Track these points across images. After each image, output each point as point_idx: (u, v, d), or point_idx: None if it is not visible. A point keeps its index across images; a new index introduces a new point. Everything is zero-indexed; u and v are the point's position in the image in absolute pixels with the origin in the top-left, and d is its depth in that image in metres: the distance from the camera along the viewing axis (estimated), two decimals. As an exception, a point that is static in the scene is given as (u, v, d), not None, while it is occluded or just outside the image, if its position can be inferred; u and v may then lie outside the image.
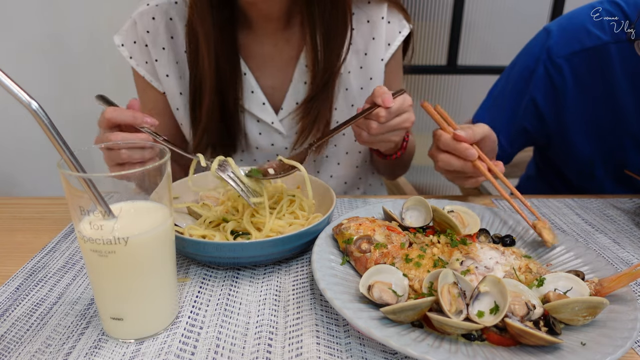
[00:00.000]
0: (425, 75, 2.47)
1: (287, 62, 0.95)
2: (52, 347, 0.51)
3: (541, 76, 0.98)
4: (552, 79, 0.96)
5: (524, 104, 1.00)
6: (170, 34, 0.92)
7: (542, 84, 0.98)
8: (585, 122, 0.95)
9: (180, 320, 0.55)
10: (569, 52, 0.94)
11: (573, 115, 0.96)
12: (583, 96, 0.94)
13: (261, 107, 0.95)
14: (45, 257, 0.68)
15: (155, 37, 0.92)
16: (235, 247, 0.60)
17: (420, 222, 0.70)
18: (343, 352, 0.50)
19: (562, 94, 0.95)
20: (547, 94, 0.98)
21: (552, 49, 0.96)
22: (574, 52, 0.93)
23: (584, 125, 0.96)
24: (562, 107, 0.96)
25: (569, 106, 0.95)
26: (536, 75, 0.98)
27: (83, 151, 0.49)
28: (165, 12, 0.91)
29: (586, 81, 0.93)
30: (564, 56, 0.94)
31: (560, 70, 0.95)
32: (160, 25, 0.91)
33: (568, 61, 0.94)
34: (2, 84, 0.42)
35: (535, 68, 0.99)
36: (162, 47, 0.92)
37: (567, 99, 0.94)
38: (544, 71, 0.97)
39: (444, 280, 0.51)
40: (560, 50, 0.95)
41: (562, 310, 0.49)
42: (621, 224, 0.80)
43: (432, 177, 2.69)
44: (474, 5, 2.31)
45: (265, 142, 0.98)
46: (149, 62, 0.94)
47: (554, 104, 0.98)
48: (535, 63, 0.98)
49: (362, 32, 0.95)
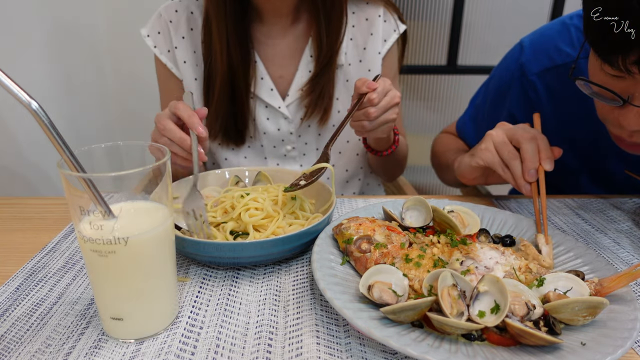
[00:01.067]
0: (425, 75, 2.47)
1: (294, 54, 1.03)
2: (52, 347, 0.51)
3: (517, 92, 0.98)
4: (528, 95, 0.96)
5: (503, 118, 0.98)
6: (190, 26, 1.02)
7: (519, 99, 0.98)
8: (563, 137, 0.92)
9: (180, 320, 0.55)
10: (541, 69, 0.93)
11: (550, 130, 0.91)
12: (559, 112, 0.93)
13: (269, 93, 1.03)
14: (45, 257, 0.68)
15: (177, 27, 1.02)
16: (235, 247, 0.60)
17: (420, 222, 0.70)
18: (343, 352, 0.50)
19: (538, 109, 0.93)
20: (524, 109, 0.97)
21: (525, 66, 0.95)
22: (546, 69, 0.93)
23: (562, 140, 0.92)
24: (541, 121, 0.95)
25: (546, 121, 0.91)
26: (512, 91, 0.98)
27: (83, 151, 0.49)
28: (187, 7, 1.02)
29: (561, 97, 0.92)
30: (536, 73, 0.94)
31: (534, 87, 0.95)
32: (182, 17, 1.02)
33: (541, 78, 0.94)
34: (2, 84, 0.42)
35: (510, 84, 0.99)
36: (182, 37, 1.02)
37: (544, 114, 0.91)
38: (519, 87, 0.97)
39: (443, 283, 0.51)
40: (532, 68, 0.95)
41: (562, 310, 0.49)
42: (621, 224, 0.80)
43: (432, 177, 2.69)
44: (474, 5, 2.31)
45: (272, 127, 1.06)
46: (170, 50, 1.03)
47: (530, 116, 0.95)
48: (511, 79, 0.99)
49: (361, 29, 1.04)
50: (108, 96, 1.85)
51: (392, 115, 0.82)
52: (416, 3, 2.31)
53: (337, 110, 1.05)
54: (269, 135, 1.06)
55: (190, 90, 0.94)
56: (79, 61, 1.64)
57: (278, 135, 1.06)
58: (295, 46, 1.03)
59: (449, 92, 2.49)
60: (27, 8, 1.35)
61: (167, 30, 1.02)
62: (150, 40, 1.03)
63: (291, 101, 1.03)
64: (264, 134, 1.06)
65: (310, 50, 1.01)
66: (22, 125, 1.26)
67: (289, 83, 1.04)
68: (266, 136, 1.06)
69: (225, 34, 0.94)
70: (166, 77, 1.05)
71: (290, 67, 1.03)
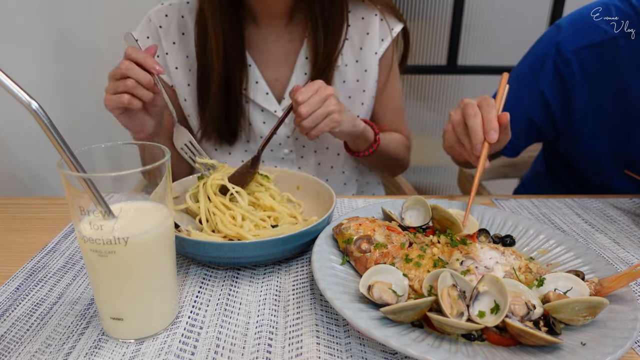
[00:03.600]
0: (425, 75, 2.46)
1: (289, 56, 1.02)
2: (52, 347, 0.51)
3: (550, 70, 0.97)
4: (561, 73, 0.96)
5: (533, 97, 1.00)
6: (182, 31, 0.99)
7: (551, 77, 0.98)
8: (594, 117, 0.95)
9: (180, 320, 0.55)
10: (578, 46, 0.94)
11: (581, 110, 0.96)
12: (591, 91, 0.94)
13: (265, 97, 1.01)
14: (45, 257, 0.68)
15: (167, 32, 0.99)
16: (235, 247, 0.60)
17: (420, 222, 0.70)
18: (343, 352, 0.50)
19: (571, 88, 0.95)
20: (555, 87, 0.98)
21: (562, 43, 0.96)
22: (583, 46, 0.93)
23: (592, 120, 0.95)
24: (570, 101, 0.96)
25: (577, 101, 0.95)
26: (545, 69, 0.98)
27: (83, 151, 0.49)
28: (178, 11, 0.99)
29: (595, 76, 0.93)
30: (572, 50, 0.94)
31: (568, 64, 0.95)
32: (173, 22, 0.99)
33: (577, 55, 0.94)
34: (2, 84, 0.42)
35: (544, 62, 0.98)
36: (172, 42, 0.99)
37: (575, 93, 0.94)
38: (552, 65, 0.97)
39: (442, 283, 0.51)
40: (569, 45, 0.95)
41: (562, 310, 0.49)
42: (621, 224, 0.80)
43: (432, 177, 2.69)
44: (474, 5, 2.31)
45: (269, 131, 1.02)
46: (160, 56, 1.00)
47: (562, 97, 0.97)
48: (545, 57, 0.98)
49: (357, 28, 1.03)
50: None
51: (328, 108, 0.83)
52: (416, 3, 2.31)
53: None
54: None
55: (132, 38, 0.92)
56: (79, 62, 1.64)
57: (275, 139, 1.05)
58: (290, 48, 1.01)
59: (449, 92, 2.49)
60: (28, 9, 1.35)
61: (157, 35, 0.99)
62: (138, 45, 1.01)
63: (287, 105, 1.02)
64: (260, 137, 1.05)
65: (305, 52, 1.00)
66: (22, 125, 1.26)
67: (284, 86, 1.02)
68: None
69: (221, 37, 0.92)
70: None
71: (286, 70, 1.02)
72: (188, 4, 0.99)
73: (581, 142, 0.98)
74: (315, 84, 0.83)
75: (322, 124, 0.83)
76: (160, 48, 0.99)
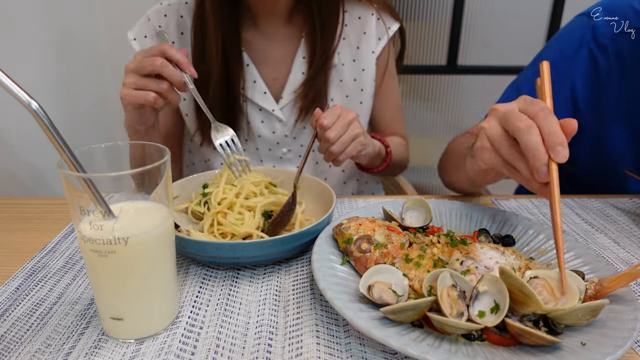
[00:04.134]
0: (425, 75, 2.46)
1: (287, 55, 1.02)
2: (52, 347, 0.51)
3: (584, 59, 0.90)
4: (597, 61, 0.89)
5: (562, 92, 0.93)
6: (180, 30, 1.00)
7: (585, 67, 0.90)
8: (624, 111, 0.88)
9: (180, 320, 0.55)
10: (616, 31, 0.87)
11: (613, 103, 0.89)
12: (626, 81, 0.87)
13: (263, 96, 1.01)
14: (45, 257, 0.68)
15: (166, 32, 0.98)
16: (235, 247, 0.60)
17: (420, 222, 0.70)
18: (343, 352, 0.50)
19: (606, 79, 0.88)
20: (589, 79, 0.90)
21: (598, 29, 0.88)
22: (621, 31, 0.86)
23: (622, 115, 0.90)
24: (603, 94, 0.90)
25: (610, 93, 0.88)
26: (579, 58, 0.90)
27: (83, 151, 0.49)
28: (177, 11, 0.99)
29: (631, 64, 0.86)
30: (610, 36, 0.87)
31: (606, 52, 0.88)
32: (172, 22, 0.99)
33: (614, 42, 0.87)
34: (2, 84, 0.42)
35: (578, 50, 0.90)
36: (172, 41, 0.99)
37: (610, 84, 0.87)
38: (587, 53, 0.89)
39: (442, 283, 0.51)
40: (606, 30, 0.87)
41: (567, 317, 0.48)
42: (621, 224, 0.80)
43: (432, 177, 2.69)
44: (474, 5, 2.31)
45: (267, 130, 1.05)
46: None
47: (596, 90, 0.90)
48: (579, 45, 0.90)
49: (354, 28, 1.03)
50: (108, 96, 1.85)
51: (354, 132, 0.79)
52: (416, 3, 2.31)
53: None
54: (263, 139, 1.05)
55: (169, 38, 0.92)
56: (79, 62, 1.64)
57: (273, 138, 1.05)
58: (288, 47, 1.01)
59: (449, 92, 2.49)
60: (28, 9, 1.35)
61: (155, 35, 0.99)
62: (136, 44, 1.00)
63: (285, 104, 1.02)
64: (258, 137, 1.05)
65: (303, 52, 1.00)
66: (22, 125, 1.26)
67: (282, 85, 1.02)
68: (261, 139, 1.05)
69: (221, 37, 0.92)
70: None
71: (283, 69, 1.02)
72: (187, 4, 1.00)
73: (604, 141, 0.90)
74: (337, 109, 0.79)
75: (349, 148, 0.79)
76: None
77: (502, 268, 0.49)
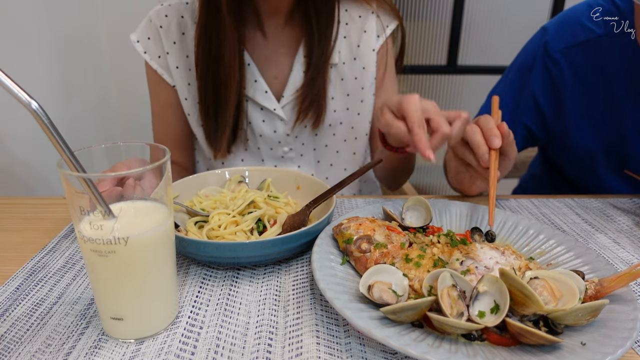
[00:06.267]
0: (425, 75, 2.47)
1: (288, 54, 1.02)
2: (52, 347, 0.51)
3: (539, 71, 0.99)
4: (551, 73, 0.98)
5: (524, 101, 1.02)
6: (182, 31, 1.00)
7: (541, 79, 0.99)
8: (585, 115, 0.96)
9: (180, 320, 0.55)
10: (565, 45, 0.96)
11: (572, 109, 0.97)
12: (581, 89, 0.95)
13: (264, 95, 1.01)
14: (45, 257, 0.68)
15: (167, 32, 0.99)
16: (235, 247, 0.60)
17: (420, 222, 0.70)
18: (343, 352, 0.50)
19: (561, 88, 0.97)
20: (545, 88, 0.99)
21: (549, 44, 0.97)
22: (570, 45, 0.95)
23: (584, 118, 0.97)
24: (561, 101, 0.98)
25: (568, 100, 0.96)
26: (534, 71, 1.00)
27: (83, 151, 0.49)
28: (177, 11, 1.00)
29: (583, 74, 0.94)
30: (560, 50, 0.96)
31: (557, 63, 0.96)
32: (173, 22, 0.99)
33: (564, 55, 0.96)
34: (2, 84, 0.42)
35: (533, 64, 1.00)
36: (173, 42, 1.00)
37: (565, 92, 0.96)
38: (542, 66, 0.98)
39: (442, 283, 0.51)
40: (556, 45, 0.96)
41: (567, 318, 0.48)
42: (621, 224, 0.80)
43: (432, 177, 2.69)
44: (474, 5, 2.31)
45: (268, 129, 1.04)
46: (161, 56, 1.01)
47: (554, 98, 0.99)
48: (533, 59, 1.00)
49: (354, 26, 1.04)
50: (108, 96, 1.85)
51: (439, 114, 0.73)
52: (416, 3, 2.31)
53: (333, 110, 1.05)
54: (265, 138, 1.05)
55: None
56: (79, 62, 1.64)
57: (274, 137, 1.05)
58: (289, 46, 1.01)
59: (449, 92, 2.49)
60: (28, 10, 1.35)
61: (158, 35, 0.99)
62: (140, 46, 1.00)
63: (286, 102, 1.02)
64: (260, 136, 1.05)
65: (303, 51, 1.00)
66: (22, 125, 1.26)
67: (283, 84, 1.02)
68: (262, 139, 1.05)
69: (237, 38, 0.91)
70: (157, 82, 1.04)
71: (284, 68, 1.02)
72: (187, 4, 1.00)
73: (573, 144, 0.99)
74: (418, 106, 0.70)
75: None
76: (161, 48, 1.00)
77: (502, 270, 0.50)
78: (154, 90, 1.06)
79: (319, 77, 0.99)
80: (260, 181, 0.84)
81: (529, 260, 0.60)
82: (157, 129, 1.09)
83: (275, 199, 0.77)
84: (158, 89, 1.04)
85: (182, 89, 1.02)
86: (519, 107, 1.02)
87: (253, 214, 0.70)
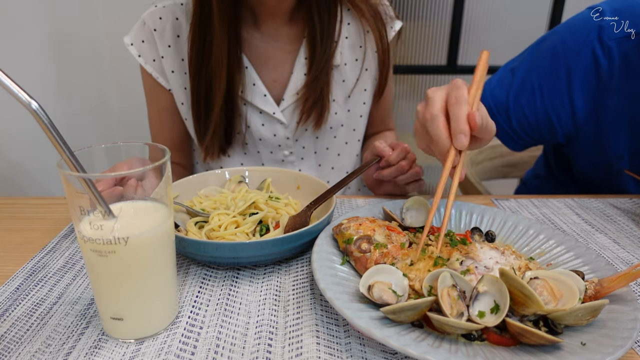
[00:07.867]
0: (425, 75, 2.47)
1: (288, 57, 1.00)
2: (52, 347, 0.51)
3: (587, 59, 0.86)
4: (599, 62, 0.85)
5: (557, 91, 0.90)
6: (177, 33, 0.97)
7: (586, 68, 0.86)
8: (624, 115, 0.86)
9: (180, 320, 0.55)
10: (623, 35, 0.82)
11: (615, 108, 0.86)
12: (627, 86, 0.84)
13: (263, 99, 1.00)
14: (45, 257, 0.68)
15: (162, 35, 0.97)
16: (236, 247, 0.60)
17: (420, 222, 0.70)
18: (343, 352, 0.50)
19: (607, 83, 0.85)
20: (587, 79, 0.87)
21: (605, 30, 0.84)
22: (628, 35, 0.82)
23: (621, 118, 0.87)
24: (601, 96, 0.87)
25: (609, 96, 0.85)
26: (581, 57, 0.86)
27: (83, 151, 0.49)
28: (172, 13, 0.97)
29: (635, 71, 0.83)
30: (616, 39, 0.83)
31: (609, 54, 0.84)
32: (167, 25, 0.97)
33: (620, 45, 0.83)
34: (2, 84, 0.42)
35: (581, 48, 0.86)
36: (168, 45, 0.97)
37: (610, 88, 0.84)
38: (590, 54, 0.86)
39: (442, 283, 0.51)
40: (613, 32, 0.83)
41: (567, 318, 0.48)
42: (621, 224, 0.81)
43: (432, 177, 2.69)
44: (474, 5, 2.31)
45: (268, 133, 1.03)
46: (156, 60, 0.98)
47: (595, 92, 0.87)
48: (582, 42, 0.86)
49: (357, 27, 1.02)
50: (107, 96, 1.85)
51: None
52: (416, 3, 2.32)
53: (334, 112, 1.04)
54: (264, 142, 1.04)
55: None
56: (79, 62, 1.64)
57: (274, 141, 1.03)
58: (289, 48, 1.00)
59: (449, 92, 2.49)
60: (28, 9, 1.35)
61: (152, 39, 0.96)
62: (134, 49, 0.97)
63: (286, 106, 1.00)
64: (259, 140, 1.03)
65: (304, 53, 0.98)
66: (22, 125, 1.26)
67: (283, 87, 1.01)
68: (262, 142, 1.04)
69: (227, 41, 0.89)
70: (152, 86, 1.02)
71: (284, 71, 1.00)
72: (182, 5, 0.97)
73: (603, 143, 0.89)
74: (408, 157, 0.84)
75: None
76: (156, 51, 0.97)
77: (502, 270, 0.50)
78: (150, 93, 1.04)
79: (322, 77, 0.98)
80: (260, 181, 0.84)
81: (529, 260, 0.60)
82: (155, 132, 1.08)
83: (277, 199, 0.77)
84: (154, 92, 1.03)
85: (178, 92, 1.01)
86: (549, 95, 0.90)
87: (254, 216, 0.70)
